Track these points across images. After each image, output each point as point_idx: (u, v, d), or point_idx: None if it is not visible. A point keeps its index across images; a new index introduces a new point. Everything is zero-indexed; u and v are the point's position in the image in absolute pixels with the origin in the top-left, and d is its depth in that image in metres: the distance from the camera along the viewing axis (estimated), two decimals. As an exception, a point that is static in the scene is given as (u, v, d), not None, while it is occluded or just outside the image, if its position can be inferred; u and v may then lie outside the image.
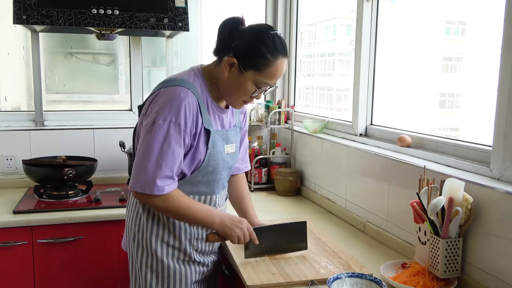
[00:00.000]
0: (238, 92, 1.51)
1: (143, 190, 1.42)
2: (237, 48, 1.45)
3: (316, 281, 1.46)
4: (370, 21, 2.17)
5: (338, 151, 2.25)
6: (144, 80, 2.93)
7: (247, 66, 1.45)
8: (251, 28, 1.48)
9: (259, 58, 1.43)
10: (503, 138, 1.39)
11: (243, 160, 1.83)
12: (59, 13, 2.20)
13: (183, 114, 1.43)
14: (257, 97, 1.56)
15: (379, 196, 1.91)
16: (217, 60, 1.54)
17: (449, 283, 1.43)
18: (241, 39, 1.45)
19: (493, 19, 1.54)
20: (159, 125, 1.41)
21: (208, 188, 1.59)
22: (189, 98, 1.45)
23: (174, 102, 1.42)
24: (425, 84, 2.14)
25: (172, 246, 1.56)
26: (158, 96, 1.46)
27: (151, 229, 1.55)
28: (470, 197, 1.40)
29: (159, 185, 1.42)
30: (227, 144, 1.60)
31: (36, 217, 2.11)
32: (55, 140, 2.65)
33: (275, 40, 1.44)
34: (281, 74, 1.50)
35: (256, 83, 1.48)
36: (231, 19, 1.48)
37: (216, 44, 1.52)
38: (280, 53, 1.45)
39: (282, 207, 2.41)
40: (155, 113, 1.43)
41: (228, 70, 1.48)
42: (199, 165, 1.52)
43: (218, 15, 3.07)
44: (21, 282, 2.12)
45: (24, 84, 2.76)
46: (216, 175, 1.58)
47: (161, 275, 1.56)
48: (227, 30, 1.47)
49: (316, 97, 3.02)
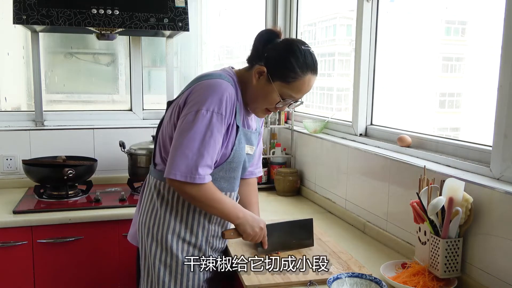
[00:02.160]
0: (263, 101, 1.54)
1: (185, 179, 1.42)
2: (268, 58, 1.50)
3: (315, 281, 1.46)
4: (370, 21, 2.17)
5: (338, 151, 2.25)
6: (144, 80, 2.93)
7: (275, 76, 1.49)
8: (285, 41, 1.53)
9: (288, 70, 1.47)
10: (503, 138, 1.39)
11: (257, 165, 1.84)
12: (59, 13, 2.20)
13: (225, 104, 1.45)
14: (281, 109, 1.59)
15: (379, 196, 1.91)
16: (249, 67, 1.57)
17: (449, 283, 1.43)
18: (274, 50, 1.50)
19: (493, 19, 1.54)
20: (202, 115, 1.42)
21: (228, 185, 1.61)
22: (230, 90, 1.48)
23: (217, 92, 1.45)
24: (425, 84, 2.14)
25: (188, 242, 1.58)
26: (199, 88, 1.48)
27: (168, 225, 1.57)
28: (470, 197, 1.40)
29: (201, 174, 1.43)
30: (248, 144, 1.63)
31: (36, 217, 2.11)
32: (55, 140, 2.65)
33: (306, 56, 1.48)
34: (307, 90, 1.53)
35: (282, 94, 1.51)
36: (269, 30, 1.54)
37: (251, 52, 1.56)
38: (310, 69, 1.49)
39: (282, 207, 2.41)
40: (197, 103, 1.44)
41: (257, 78, 1.51)
42: (223, 160, 1.54)
43: (218, 15, 3.07)
44: (21, 282, 2.12)
45: (24, 84, 2.76)
46: (237, 172, 1.62)
47: (174, 271, 1.57)
48: (263, 41, 1.52)
49: (316, 97, 3.02)
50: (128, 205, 2.27)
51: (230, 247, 1.73)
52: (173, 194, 1.57)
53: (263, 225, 1.63)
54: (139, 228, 1.65)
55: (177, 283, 1.57)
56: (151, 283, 1.60)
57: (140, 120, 2.88)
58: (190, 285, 1.58)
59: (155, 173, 1.62)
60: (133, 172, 2.51)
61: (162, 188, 1.58)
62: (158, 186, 1.60)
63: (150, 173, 1.67)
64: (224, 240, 1.70)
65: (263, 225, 1.63)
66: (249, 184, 1.83)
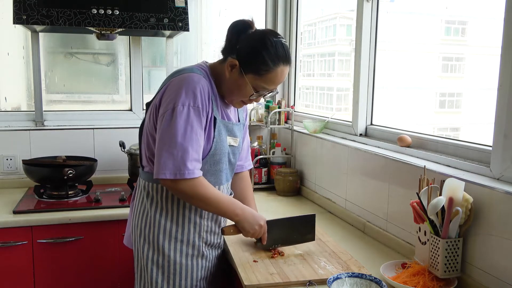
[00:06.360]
0: (237, 93, 1.55)
1: (174, 176, 1.42)
2: (240, 51, 1.49)
3: (314, 282, 1.46)
4: (370, 21, 2.17)
5: (338, 151, 2.25)
6: (144, 80, 2.93)
7: (247, 69, 1.49)
8: (257, 33, 1.51)
9: (260, 63, 1.47)
10: (503, 138, 1.39)
11: (245, 158, 1.85)
12: (59, 13, 2.20)
13: (200, 97, 1.46)
14: (255, 100, 1.60)
15: (379, 196, 1.91)
16: (222, 59, 1.58)
17: (449, 283, 1.43)
18: (246, 42, 1.49)
19: (493, 19, 1.54)
20: (179, 110, 1.43)
21: (215, 178, 1.61)
22: (202, 82, 1.48)
23: (189, 86, 1.45)
24: (425, 84, 2.15)
25: (181, 240, 1.58)
26: (172, 85, 1.49)
27: (158, 225, 1.57)
28: (470, 197, 1.40)
29: (190, 168, 1.43)
30: (230, 136, 1.62)
31: (36, 217, 2.11)
32: (55, 140, 2.65)
33: (277, 47, 1.47)
34: (280, 81, 1.53)
35: (255, 87, 1.51)
36: (240, 21, 1.52)
37: (224, 44, 1.56)
38: (282, 61, 1.48)
39: (282, 207, 2.41)
40: (172, 100, 1.45)
41: (230, 71, 1.52)
42: (206, 153, 1.54)
43: (218, 15, 3.07)
44: (21, 282, 2.12)
45: (24, 84, 2.76)
46: (222, 165, 1.61)
47: (167, 271, 1.57)
48: (235, 32, 1.51)
49: (316, 97, 3.02)
50: (128, 205, 2.27)
51: (230, 246, 1.73)
52: (161, 194, 1.57)
53: (262, 222, 1.62)
54: (132, 230, 1.66)
55: (169, 283, 1.57)
56: (144, 284, 1.60)
57: (140, 120, 2.88)
58: (183, 284, 1.58)
59: (143, 175, 1.62)
60: (133, 172, 2.52)
61: (151, 189, 1.59)
62: (147, 188, 1.60)
63: (139, 176, 1.68)
64: (221, 235, 1.70)
65: (262, 223, 1.62)
66: (241, 178, 1.83)
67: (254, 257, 1.64)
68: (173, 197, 1.57)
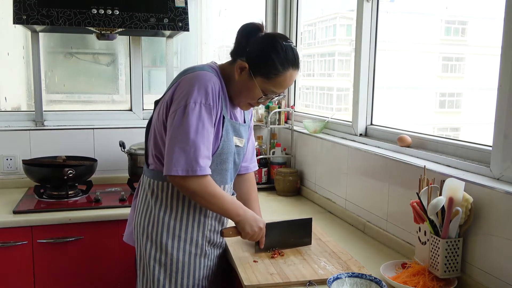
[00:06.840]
0: (245, 95, 1.56)
1: (186, 173, 1.43)
2: (250, 54, 1.50)
3: (314, 282, 1.46)
4: (370, 21, 2.17)
5: (338, 151, 2.25)
6: (144, 80, 2.93)
7: (257, 72, 1.50)
8: (266, 36, 1.52)
9: (270, 66, 1.48)
10: (503, 138, 1.39)
11: (251, 160, 1.85)
12: (59, 13, 2.20)
13: (211, 94, 1.47)
14: (263, 103, 1.61)
15: (379, 196, 1.91)
16: (231, 61, 1.58)
17: (449, 283, 1.43)
18: (256, 45, 1.50)
19: (493, 19, 1.54)
20: (191, 108, 1.43)
21: (221, 177, 1.62)
22: (214, 80, 1.49)
23: (201, 84, 1.46)
24: (425, 84, 2.15)
25: (184, 239, 1.58)
26: (183, 82, 1.49)
27: (162, 223, 1.57)
28: (470, 197, 1.40)
29: (202, 165, 1.44)
30: (236, 136, 1.63)
31: (36, 217, 2.11)
32: (55, 140, 2.65)
33: (287, 51, 1.48)
34: (289, 84, 1.54)
35: (263, 90, 1.52)
36: (251, 24, 1.54)
37: (234, 46, 1.57)
38: (291, 65, 1.49)
39: (282, 207, 2.41)
40: (184, 97, 1.45)
41: (239, 73, 1.52)
42: (213, 152, 1.54)
43: (218, 15, 3.07)
44: (21, 282, 2.12)
45: (24, 84, 2.76)
46: (228, 164, 1.62)
47: (169, 270, 1.57)
48: (245, 35, 1.52)
49: (316, 97, 3.02)
50: (128, 205, 2.27)
51: (230, 246, 1.73)
52: (166, 192, 1.57)
53: (262, 225, 1.63)
54: (135, 228, 1.66)
55: (171, 282, 1.57)
56: (147, 282, 1.60)
57: (140, 120, 2.88)
58: (185, 283, 1.58)
59: (149, 173, 1.62)
60: (133, 172, 2.51)
61: (156, 187, 1.59)
62: (152, 186, 1.60)
63: (143, 173, 1.67)
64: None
65: (262, 225, 1.63)
66: (246, 179, 1.83)
67: (254, 257, 1.64)
68: (178, 195, 1.57)
